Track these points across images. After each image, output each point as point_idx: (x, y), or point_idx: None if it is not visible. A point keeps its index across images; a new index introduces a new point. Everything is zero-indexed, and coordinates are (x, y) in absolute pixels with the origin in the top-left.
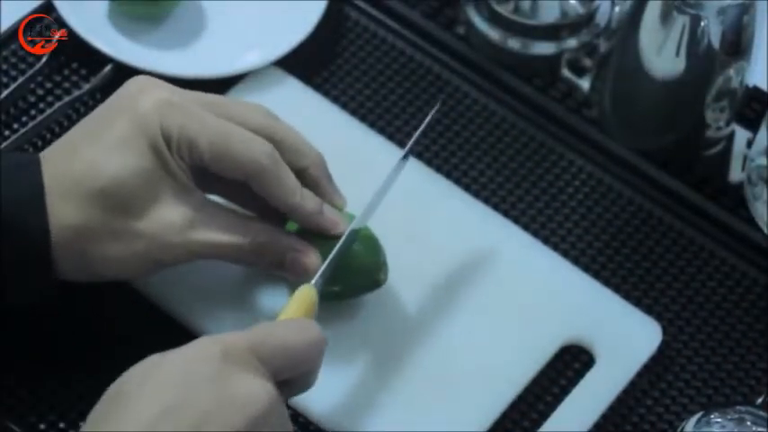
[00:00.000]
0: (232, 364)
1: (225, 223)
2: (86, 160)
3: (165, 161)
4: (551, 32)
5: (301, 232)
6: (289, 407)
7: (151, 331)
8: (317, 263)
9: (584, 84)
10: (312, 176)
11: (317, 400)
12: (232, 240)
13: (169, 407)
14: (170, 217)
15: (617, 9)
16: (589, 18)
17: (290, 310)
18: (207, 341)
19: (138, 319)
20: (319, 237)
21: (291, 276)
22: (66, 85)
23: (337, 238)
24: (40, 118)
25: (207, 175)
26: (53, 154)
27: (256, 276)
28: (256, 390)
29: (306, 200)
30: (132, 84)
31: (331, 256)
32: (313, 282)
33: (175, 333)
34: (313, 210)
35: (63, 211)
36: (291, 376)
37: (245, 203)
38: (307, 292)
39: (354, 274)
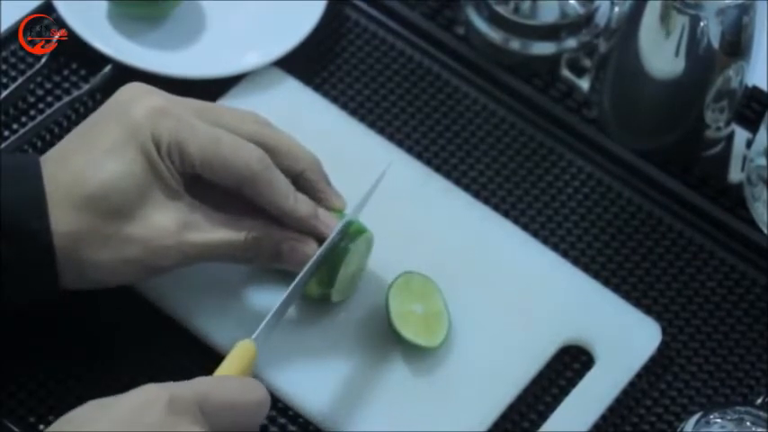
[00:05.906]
0: (177, 414)
1: (217, 222)
2: (77, 167)
3: (155, 166)
4: (551, 33)
5: None
6: (288, 407)
7: (151, 332)
8: (316, 250)
9: (584, 84)
10: (309, 180)
11: (316, 400)
12: (226, 237)
13: None
14: (162, 221)
15: (616, 9)
16: (589, 18)
17: (230, 366)
18: (153, 389)
19: (137, 320)
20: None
21: (291, 267)
22: (66, 85)
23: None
24: (39, 118)
25: (200, 184)
26: (47, 162)
27: (255, 275)
28: None
29: (299, 204)
30: (125, 91)
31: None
32: (254, 336)
33: (175, 333)
34: (307, 213)
35: (57, 219)
36: None
37: (239, 212)
38: (246, 347)
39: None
